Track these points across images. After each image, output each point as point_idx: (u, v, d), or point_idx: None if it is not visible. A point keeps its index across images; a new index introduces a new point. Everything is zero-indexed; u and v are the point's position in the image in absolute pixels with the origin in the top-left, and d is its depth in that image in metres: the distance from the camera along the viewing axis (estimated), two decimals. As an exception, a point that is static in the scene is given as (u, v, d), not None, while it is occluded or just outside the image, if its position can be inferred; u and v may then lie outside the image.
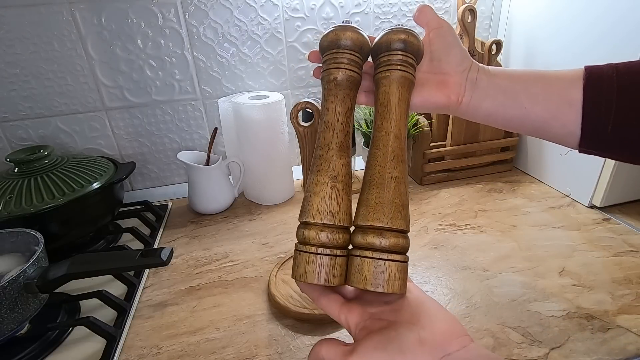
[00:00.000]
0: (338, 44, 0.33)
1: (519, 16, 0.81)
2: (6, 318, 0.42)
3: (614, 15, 0.61)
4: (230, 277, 0.58)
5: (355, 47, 0.33)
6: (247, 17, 0.76)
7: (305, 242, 0.30)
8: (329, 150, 0.32)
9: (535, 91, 0.35)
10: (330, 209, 0.30)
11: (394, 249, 0.29)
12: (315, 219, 0.30)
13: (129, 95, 0.78)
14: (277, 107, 0.72)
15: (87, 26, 0.71)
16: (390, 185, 0.30)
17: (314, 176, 0.31)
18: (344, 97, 0.33)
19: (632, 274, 0.53)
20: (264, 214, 0.75)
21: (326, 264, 0.29)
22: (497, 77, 0.36)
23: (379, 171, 0.30)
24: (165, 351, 0.46)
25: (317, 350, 0.28)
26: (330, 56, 0.33)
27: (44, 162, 0.61)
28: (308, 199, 0.31)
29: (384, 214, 0.29)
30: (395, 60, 0.33)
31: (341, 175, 0.31)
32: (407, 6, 0.82)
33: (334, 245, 0.30)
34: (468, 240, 0.63)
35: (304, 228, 0.30)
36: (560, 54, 0.72)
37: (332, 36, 0.33)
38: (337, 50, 0.33)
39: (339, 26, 0.33)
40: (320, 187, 0.31)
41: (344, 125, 0.33)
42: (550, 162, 0.79)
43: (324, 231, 0.30)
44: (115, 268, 0.48)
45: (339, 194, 0.31)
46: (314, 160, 0.32)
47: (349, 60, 0.33)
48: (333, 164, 0.31)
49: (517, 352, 0.43)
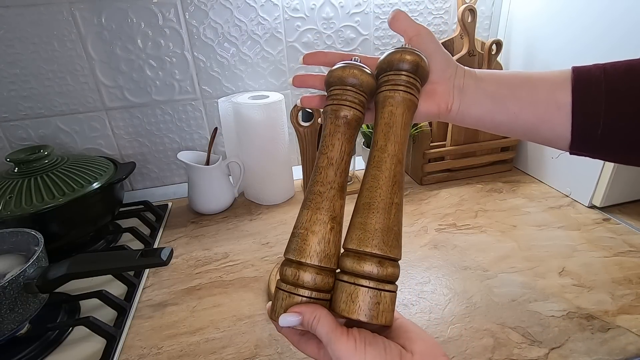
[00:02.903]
0: (353, 82, 0.32)
1: (519, 16, 0.81)
2: (6, 318, 0.42)
3: (614, 13, 0.60)
4: (230, 277, 0.58)
5: (367, 90, 0.32)
6: (247, 17, 0.76)
7: (296, 284, 0.28)
8: (331, 189, 0.30)
9: (522, 95, 0.35)
10: (328, 252, 0.29)
11: (391, 279, 0.28)
12: (312, 260, 0.28)
13: (129, 95, 0.78)
14: (277, 107, 0.72)
15: (87, 26, 0.71)
16: (391, 211, 0.28)
17: (312, 213, 0.30)
18: (350, 137, 0.32)
19: (632, 274, 0.53)
20: (264, 214, 0.75)
21: None
22: (484, 81, 0.36)
23: (380, 195, 0.29)
24: (165, 351, 0.46)
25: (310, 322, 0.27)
26: (342, 92, 0.32)
27: (44, 162, 0.61)
28: (304, 237, 0.29)
29: (383, 242, 0.28)
30: (404, 81, 0.32)
31: (339, 216, 0.30)
32: (407, 6, 0.82)
33: (327, 289, 0.29)
34: (468, 240, 0.63)
35: (297, 268, 0.28)
36: (560, 53, 0.72)
37: (349, 73, 0.32)
38: (351, 89, 0.32)
39: (353, 65, 0.32)
40: (320, 227, 0.29)
41: (346, 165, 0.32)
42: (550, 162, 0.79)
43: (320, 274, 0.28)
44: (115, 268, 0.48)
45: (336, 236, 0.30)
46: (313, 195, 0.31)
47: (360, 101, 0.32)
48: (334, 204, 0.30)
49: (517, 352, 0.43)
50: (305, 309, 0.28)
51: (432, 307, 0.50)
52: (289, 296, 0.28)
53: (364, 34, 0.83)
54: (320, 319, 0.27)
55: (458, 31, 0.82)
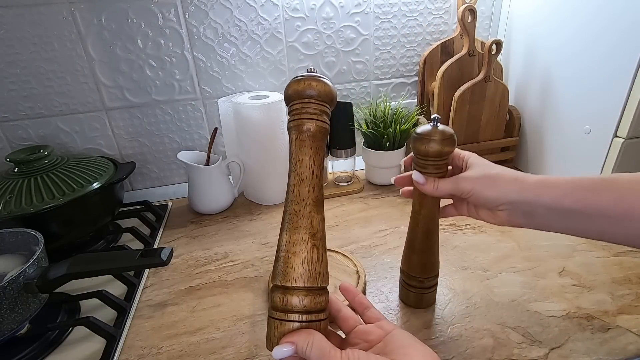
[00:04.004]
0: (311, 94, 0.31)
1: (519, 15, 0.81)
2: (6, 318, 0.42)
3: (613, 9, 0.60)
4: (230, 277, 0.58)
5: (327, 99, 0.32)
6: (247, 17, 0.76)
7: (286, 310, 0.28)
8: (306, 206, 0.30)
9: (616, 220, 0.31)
10: (313, 270, 0.28)
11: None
12: (298, 283, 0.28)
13: (129, 95, 0.78)
14: (277, 107, 0.72)
15: (87, 26, 0.71)
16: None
17: (290, 234, 0.29)
18: (317, 149, 0.32)
19: (632, 274, 0.53)
20: (264, 214, 0.75)
21: None
22: (559, 209, 0.33)
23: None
24: (165, 351, 0.46)
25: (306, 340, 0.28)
26: (301, 105, 0.32)
27: (44, 162, 0.61)
28: (286, 260, 0.29)
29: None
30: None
31: (319, 231, 0.30)
32: (407, 6, 0.82)
33: (318, 309, 0.28)
34: (468, 240, 0.63)
35: (284, 293, 0.28)
36: (560, 50, 0.72)
37: (305, 85, 0.31)
38: (310, 101, 0.32)
39: (309, 76, 0.32)
40: (301, 247, 0.29)
41: (318, 179, 0.31)
42: (550, 162, 0.79)
43: (308, 295, 0.28)
44: (115, 268, 0.48)
45: (319, 252, 0.29)
46: (289, 215, 0.30)
47: (322, 111, 0.32)
48: (312, 220, 0.30)
49: (517, 352, 0.43)
50: (298, 337, 0.27)
51: (432, 307, 0.50)
52: (280, 324, 0.28)
53: (364, 34, 0.83)
54: (313, 344, 0.27)
55: (458, 31, 0.82)
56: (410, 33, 0.85)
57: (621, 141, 0.63)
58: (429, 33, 0.86)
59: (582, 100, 0.69)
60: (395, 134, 0.77)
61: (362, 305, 0.36)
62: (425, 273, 0.47)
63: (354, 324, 0.34)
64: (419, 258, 0.47)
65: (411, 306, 0.50)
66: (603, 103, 0.64)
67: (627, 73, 0.59)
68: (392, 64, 0.88)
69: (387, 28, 0.84)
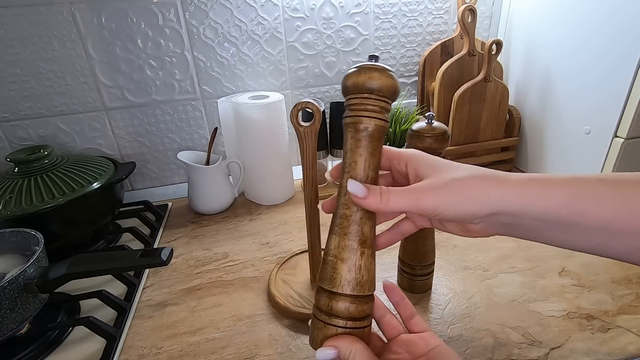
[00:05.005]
0: (372, 87, 0.28)
1: (519, 14, 0.81)
2: (6, 318, 0.42)
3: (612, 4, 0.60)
4: (230, 277, 0.58)
5: (388, 94, 0.28)
6: (247, 17, 0.76)
7: (331, 314, 0.28)
8: (357, 211, 0.29)
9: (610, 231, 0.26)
10: (360, 278, 0.28)
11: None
12: (344, 290, 0.28)
13: (129, 95, 0.78)
14: (277, 107, 0.72)
15: (87, 26, 0.71)
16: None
17: (340, 239, 0.29)
18: (374, 151, 0.29)
19: (632, 274, 0.53)
20: (264, 214, 0.75)
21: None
22: (552, 221, 0.27)
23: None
24: (165, 351, 0.46)
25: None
26: (359, 100, 0.28)
27: (44, 162, 0.61)
28: (334, 265, 0.28)
29: None
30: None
31: (370, 239, 0.29)
32: (407, 6, 0.82)
33: (362, 316, 0.28)
34: (468, 240, 0.63)
35: (330, 298, 0.28)
36: (560, 47, 0.71)
37: (365, 77, 0.28)
38: (370, 96, 0.28)
39: (370, 66, 0.28)
40: (349, 254, 0.28)
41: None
42: (550, 162, 0.79)
43: (354, 303, 0.28)
44: (115, 268, 0.48)
45: (368, 261, 0.28)
46: (339, 219, 0.29)
47: (382, 108, 0.29)
48: (362, 227, 0.29)
49: (517, 352, 0.43)
50: (342, 343, 0.28)
51: (432, 307, 0.50)
52: (324, 326, 0.28)
53: (364, 34, 0.83)
54: (356, 353, 0.27)
55: (458, 31, 0.82)
56: (410, 33, 0.85)
57: (621, 141, 0.63)
58: (429, 33, 0.86)
59: (582, 100, 0.69)
60: (396, 134, 0.77)
61: (407, 311, 0.35)
62: (416, 261, 0.50)
63: (396, 332, 0.33)
64: (412, 247, 0.50)
65: (405, 290, 0.52)
66: (603, 103, 0.64)
67: (627, 70, 0.59)
68: (392, 64, 0.88)
69: (387, 28, 0.84)
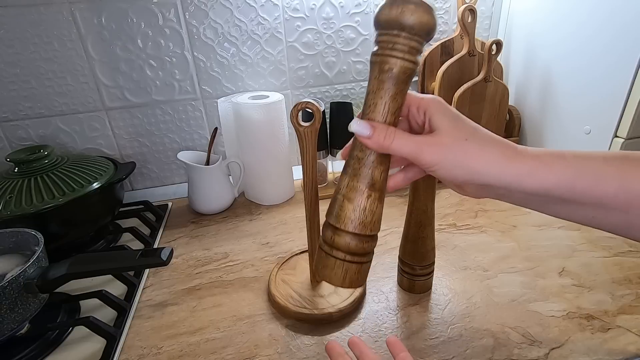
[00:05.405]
0: (404, 23, 0.25)
1: (519, 14, 0.81)
2: (6, 318, 0.42)
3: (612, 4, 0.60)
4: (230, 277, 0.58)
5: (422, 33, 0.26)
6: (247, 17, 0.76)
7: (333, 246, 0.30)
8: (370, 155, 0.29)
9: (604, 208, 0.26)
10: (364, 219, 0.29)
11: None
12: (347, 227, 0.29)
13: (129, 95, 0.78)
14: (277, 107, 0.72)
15: (87, 26, 0.71)
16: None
17: (350, 180, 0.29)
18: (396, 95, 0.27)
19: (632, 274, 0.53)
20: (264, 214, 0.75)
21: (352, 270, 0.30)
22: (550, 196, 0.27)
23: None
24: (165, 351, 0.46)
25: None
26: (389, 37, 0.26)
27: (44, 162, 0.61)
28: (341, 203, 0.29)
29: None
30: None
31: (379, 183, 0.29)
32: (407, 6, 0.82)
33: (362, 252, 0.30)
34: (468, 240, 0.63)
35: (333, 232, 0.30)
36: (559, 47, 0.72)
37: (399, 10, 0.25)
38: (402, 33, 0.26)
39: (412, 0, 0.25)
40: (356, 195, 0.29)
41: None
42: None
43: (354, 240, 0.29)
44: (115, 268, 0.48)
45: (374, 204, 0.29)
46: (352, 160, 0.30)
47: (412, 48, 0.26)
48: (373, 171, 0.29)
49: (517, 352, 0.43)
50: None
51: (432, 307, 0.50)
52: (326, 256, 0.30)
53: (364, 34, 0.83)
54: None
55: (458, 31, 0.82)
56: (410, 33, 0.85)
57: (621, 141, 0.63)
58: (429, 33, 0.86)
59: (582, 100, 0.69)
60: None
61: None
62: (416, 261, 0.50)
63: None
64: (412, 247, 0.49)
65: (405, 290, 0.52)
66: (603, 103, 0.64)
67: (627, 70, 0.59)
68: (392, 64, 0.88)
69: (387, 28, 0.84)
